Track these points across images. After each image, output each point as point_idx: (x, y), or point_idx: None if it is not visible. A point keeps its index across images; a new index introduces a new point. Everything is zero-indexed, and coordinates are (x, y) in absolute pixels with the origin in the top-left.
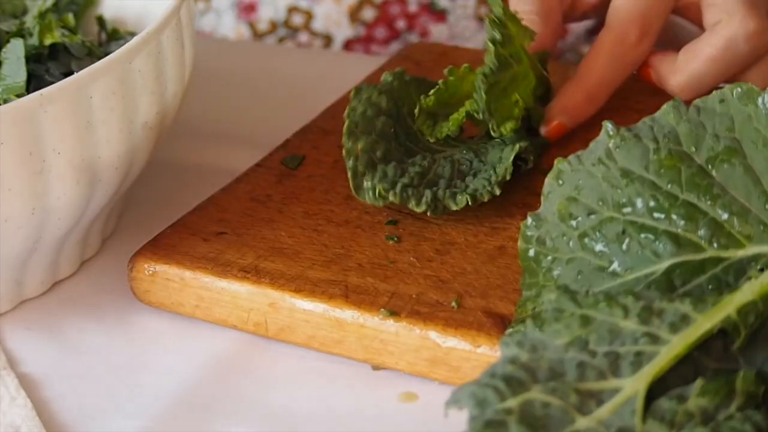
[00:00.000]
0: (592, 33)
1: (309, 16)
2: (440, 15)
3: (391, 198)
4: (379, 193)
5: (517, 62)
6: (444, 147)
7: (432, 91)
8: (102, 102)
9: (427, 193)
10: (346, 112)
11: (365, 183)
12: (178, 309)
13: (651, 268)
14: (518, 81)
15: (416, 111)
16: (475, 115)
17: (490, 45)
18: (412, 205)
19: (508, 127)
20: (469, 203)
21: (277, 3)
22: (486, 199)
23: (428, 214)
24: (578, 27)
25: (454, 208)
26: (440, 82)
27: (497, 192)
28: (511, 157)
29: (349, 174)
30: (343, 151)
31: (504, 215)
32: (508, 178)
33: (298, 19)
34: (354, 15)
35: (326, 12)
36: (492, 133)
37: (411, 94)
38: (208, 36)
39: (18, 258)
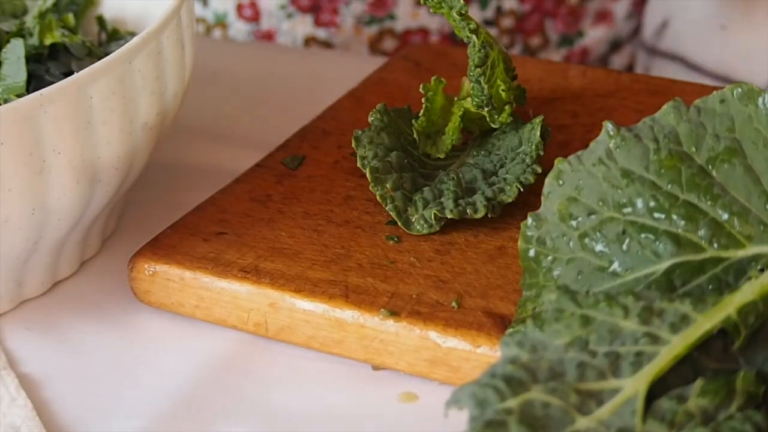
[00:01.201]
0: (616, 46)
1: (327, 46)
2: (461, 45)
3: (449, 215)
4: (435, 216)
5: (491, 48)
6: (451, 160)
7: (421, 113)
8: (102, 102)
9: (479, 198)
10: (359, 162)
11: (412, 217)
12: (178, 309)
13: (651, 268)
14: (495, 67)
15: (415, 137)
16: (480, 110)
17: (473, 36)
18: (470, 213)
19: (505, 114)
20: (521, 190)
21: (295, 33)
22: (532, 180)
23: (488, 216)
24: (599, 40)
25: (510, 199)
26: (423, 100)
27: (539, 170)
28: (538, 132)
29: (394, 215)
30: (378, 197)
31: (504, 215)
32: (542, 153)
33: (314, 47)
34: (374, 45)
35: (345, 42)
36: (492, 125)
37: (401, 126)
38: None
39: (18, 258)
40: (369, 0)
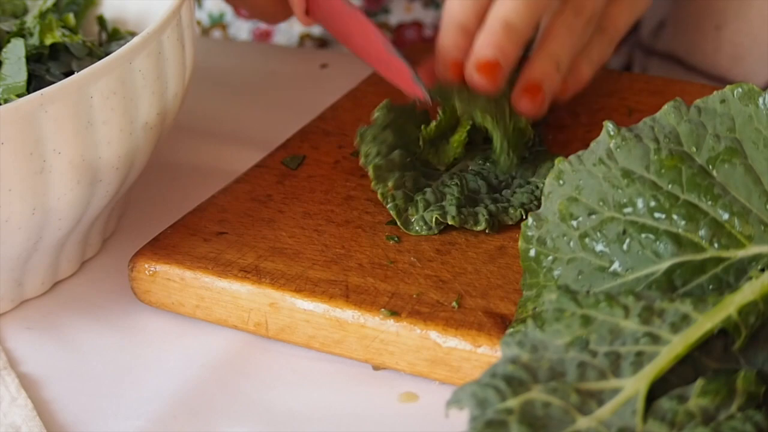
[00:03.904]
0: None
1: (322, 43)
2: None
3: (450, 221)
4: (435, 220)
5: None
6: (454, 161)
7: (434, 123)
8: (102, 102)
9: (482, 211)
10: (362, 160)
11: (412, 217)
12: (179, 309)
13: (651, 268)
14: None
15: (420, 142)
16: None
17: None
18: (471, 224)
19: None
20: (523, 216)
21: (291, 31)
22: (534, 209)
23: (487, 231)
24: None
25: (511, 222)
26: (439, 110)
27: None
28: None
29: (394, 214)
30: (378, 196)
31: None
32: None
33: (309, 44)
34: None
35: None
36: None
37: (404, 124)
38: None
39: (18, 258)
40: None
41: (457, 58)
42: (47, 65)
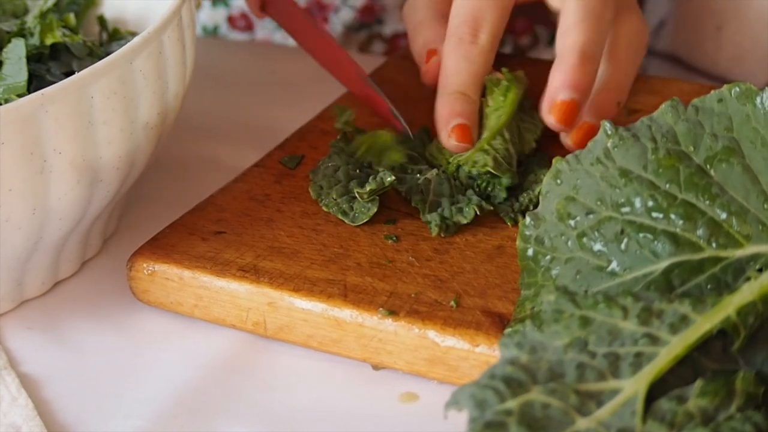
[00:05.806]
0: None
1: None
2: None
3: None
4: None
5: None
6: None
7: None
8: (103, 102)
9: (435, 219)
10: (312, 193)
11: (355, 212)
12: (177, 308)
13: (649, 268)
14: None
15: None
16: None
17: None
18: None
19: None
20: (477, 213)
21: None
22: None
23: (442, 235)
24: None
25: (465, 221)
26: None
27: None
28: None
29: (341, 217)
30: (324, 208)
31: None
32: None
33: None
34: (363, 48)
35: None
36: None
37: (360, 146)
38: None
39: (19, 258)
40: (358, 7)
41: (463, 123)
42: (48, 65)
